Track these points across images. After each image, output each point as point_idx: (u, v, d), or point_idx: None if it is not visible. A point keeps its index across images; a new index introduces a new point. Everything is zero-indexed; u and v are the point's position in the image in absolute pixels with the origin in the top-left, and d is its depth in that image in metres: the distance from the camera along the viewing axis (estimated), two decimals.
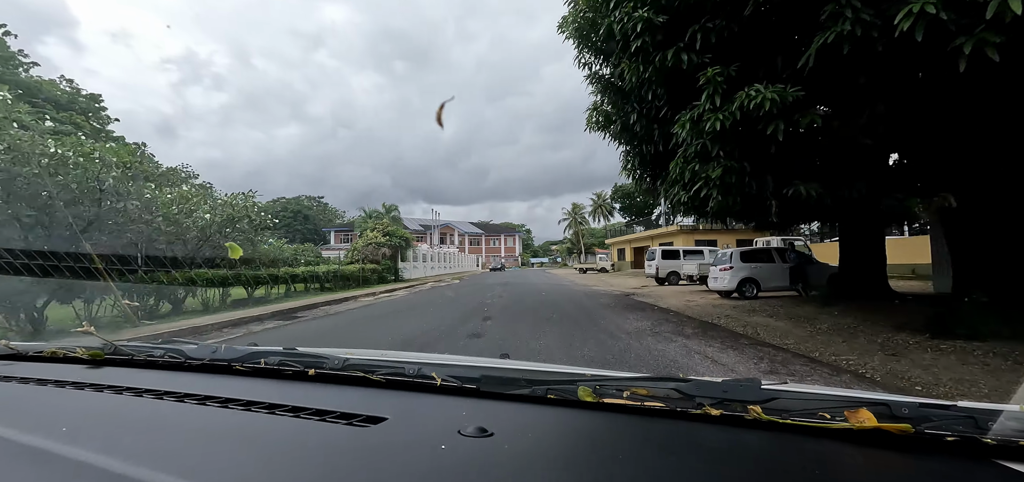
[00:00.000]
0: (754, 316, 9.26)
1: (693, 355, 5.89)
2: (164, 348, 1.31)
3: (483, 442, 0.72)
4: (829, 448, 0.68)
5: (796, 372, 5.08)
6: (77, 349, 1.34)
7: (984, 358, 5.17)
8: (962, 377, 4.57)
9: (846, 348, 5.99)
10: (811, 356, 5.71)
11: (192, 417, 0.90)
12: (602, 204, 76.95)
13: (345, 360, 1.10)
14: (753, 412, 0.74)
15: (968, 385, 4.33)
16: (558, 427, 0.82)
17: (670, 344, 6.61)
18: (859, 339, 6.49)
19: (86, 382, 1.10)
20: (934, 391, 4.25)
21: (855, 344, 6.19)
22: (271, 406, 0.89)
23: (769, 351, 6.10)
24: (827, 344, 6.29)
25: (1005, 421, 0.62)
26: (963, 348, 5.60)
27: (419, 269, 34.43)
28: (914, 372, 4.80)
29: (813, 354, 5.79)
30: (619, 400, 0.84)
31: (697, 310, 10.70)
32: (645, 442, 0.73)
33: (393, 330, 8.46)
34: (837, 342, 6.38)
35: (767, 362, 5.50)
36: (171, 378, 1.15)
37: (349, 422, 0.81)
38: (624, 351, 6.12)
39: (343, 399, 0.96)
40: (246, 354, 1.19)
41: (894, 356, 5.45)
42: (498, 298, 14.44)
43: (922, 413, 0.67)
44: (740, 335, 7.34)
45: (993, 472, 0.60)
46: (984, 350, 5.45)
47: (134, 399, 0.99)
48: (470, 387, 0.95)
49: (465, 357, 1.28)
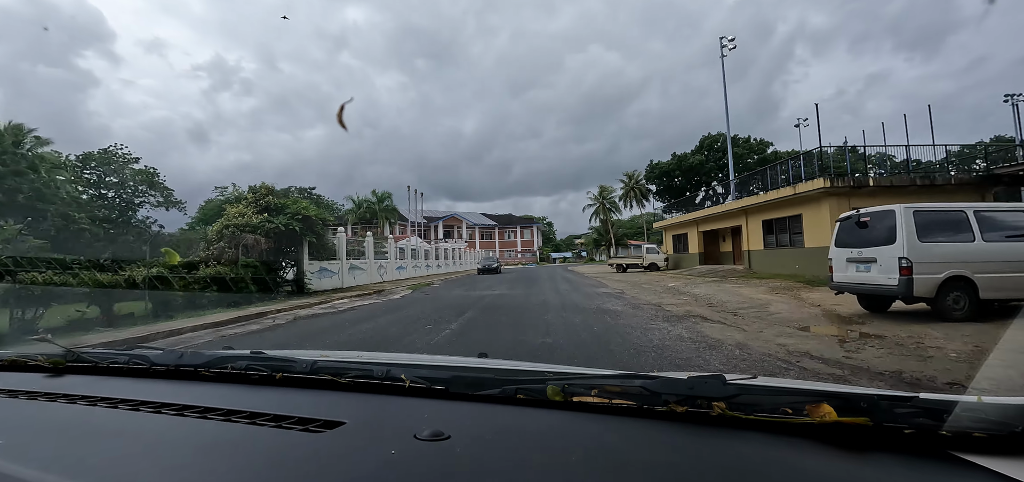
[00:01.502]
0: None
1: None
2: (128, 354, 1.27)
3: (436, 446, 0.71)
4: (791, 443, 0.69)
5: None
6: (38, 357, 1.30)
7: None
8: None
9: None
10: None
11: (145, 426, 0.88)
12: (635, 186, 64.13)
13: (313, 363, 1.08)
14: (718, 408, 0.75)
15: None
16: (522, 428, 0.81)
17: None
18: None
19: (41, 391, 1.09)
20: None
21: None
22: (228, 412, 0.88)
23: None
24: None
25: (960, 413, 0.62)
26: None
27: (373, 272, 23.03)
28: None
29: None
30: (587, 398, 0.84)
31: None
32: (611, 440, 0.74)
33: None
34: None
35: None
36: (133, 385, 1.14)
37: (305, 428, 0.80)
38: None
39: (306, 403, 0.95)
40: (213, 359, 1.16)
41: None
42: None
43: (881, 406, 0.67)
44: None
45: (948, 464, 0.60)
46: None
47: (88, 409, 0.97)
48: (439, 388, 0.95)
49: (440, 357, 1.30)
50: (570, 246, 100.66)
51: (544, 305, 10.29)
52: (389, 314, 10.03)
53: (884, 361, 4.63)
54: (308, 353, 1.18)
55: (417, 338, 6.84)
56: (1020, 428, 0.59)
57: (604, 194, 65.85)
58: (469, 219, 71.17)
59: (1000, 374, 4.16)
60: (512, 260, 68.36)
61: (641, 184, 64.52)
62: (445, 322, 8.30)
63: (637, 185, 64.71)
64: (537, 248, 73.26)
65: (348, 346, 6.64)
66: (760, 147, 57.56)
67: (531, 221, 74.74)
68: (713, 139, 61.90)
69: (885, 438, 0.65)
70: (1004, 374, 4.14)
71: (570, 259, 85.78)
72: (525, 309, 9.86)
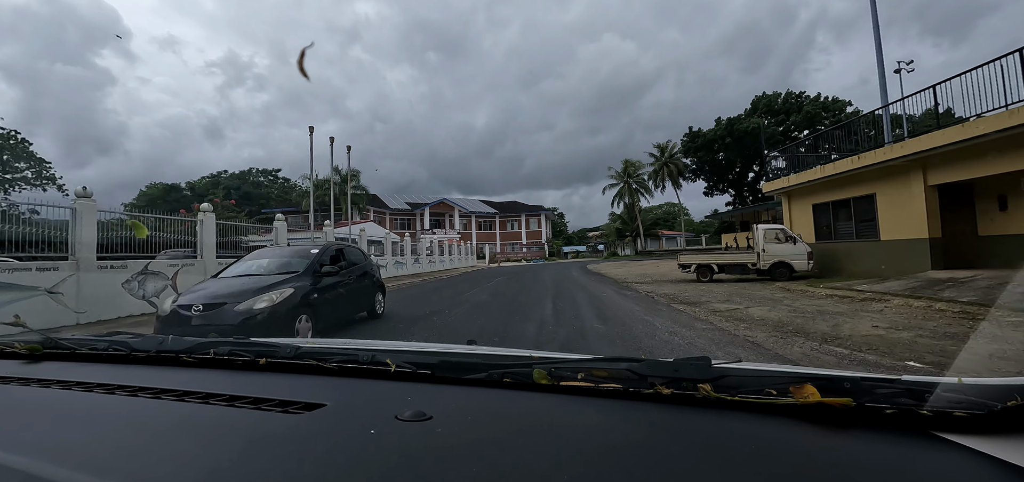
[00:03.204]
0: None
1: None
2: (108, 340, 1.25)
3: (419, 426, 0.71)
4: (775, 424, 0.68)
5: None
6: (14, 344, 1.28)
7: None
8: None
9: None
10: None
11: (120, 408, 0.87)
12: (668, 161, 50.96)
13: (297, 348, 1.09)
14: (703, 390, 0.74)
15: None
16: (507, 409, 0.81)
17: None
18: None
19: (14, 376, 1.07)
20: None
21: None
22: (206, 395, 0.87)
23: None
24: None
25: (941, 393, 0.63)
26: None
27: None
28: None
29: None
30: (573, 382, 0.83)
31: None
32: (596, 421, 0.74)
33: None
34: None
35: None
36: (111, 371, 1.12)
37: (284, 409, 0.79)
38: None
39: (288, 387, 0.94)
40: (195, 344, 1.15)
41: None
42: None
43: (864, 387, 0.67)
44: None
45: (929, 443, 0.60)
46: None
47: (61, 393, 0.96)
48: (424, 372, 0.94)
49: (428, 344, 1.29)
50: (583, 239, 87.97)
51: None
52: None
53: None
54: (292, 339, 1.22)
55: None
56: (999, 407, 0.59)
57: (630, 171, 52.49)
58: (463, 206, 58.68)
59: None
60: (516, 255, 55.77)
61: (676, 157, 51.24)
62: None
63: (672, 159, 51.42)
64: (546, 240, 60.58)
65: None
66: (835, 105, 44.18)
67: (539, 209, 62.10)
68: (770, 99, 48.40)
69: (868, 419, 0.65)
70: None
71: (584, 253, 72.97)
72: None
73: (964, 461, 0.56)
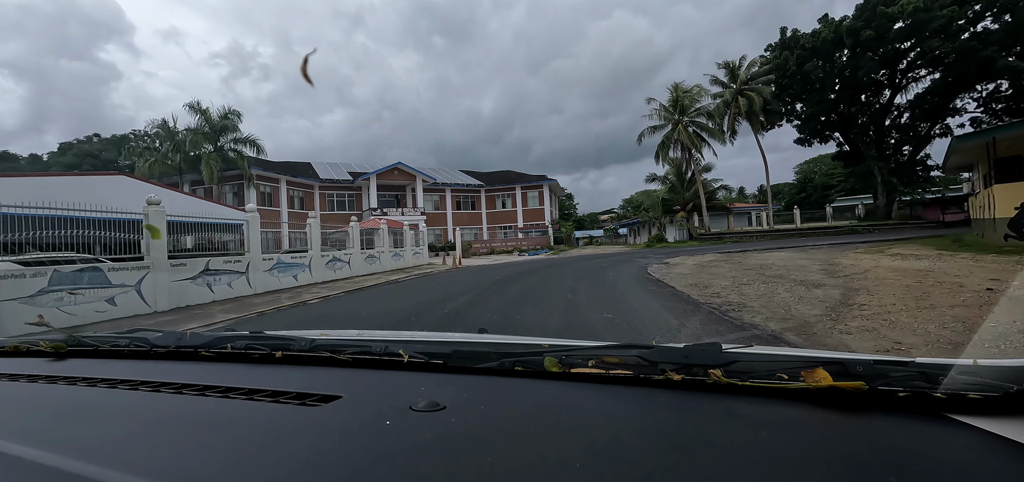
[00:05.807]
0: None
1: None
2: (129, 337, 1.28)
3: (433, 416, 0.72)
4: (787, 408, 0.68)
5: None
6: (40, 342, 1.31)
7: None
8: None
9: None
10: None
11: (143, 404, 0.89)
12: (744, 90, 32.28)
13: (312, 341, 1.09)
14: (714, 375, 0.75)
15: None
16: (519, 398, 0.82)
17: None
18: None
19: (41, 375, 1.10)
20: None
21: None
22: (226, 389, 0.89)
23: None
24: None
25: (955, 375, 0.62)
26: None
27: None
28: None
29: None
30: (584, 369, 0.84)
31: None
32: (607, 408, 0.74)
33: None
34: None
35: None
36: (133, 366, 1.14)
37: (302, 402, 0.80)
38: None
39: (304, 380, 0.95)
40: (212, 339, 1.18)
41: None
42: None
43: (876, 370, 0.67)
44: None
45: (943, 425, 0.60)
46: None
47: (87, 390, 0.98)
48: (437, 362, 0.95)
49: (440, 333, 1.28)
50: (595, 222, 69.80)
51: None
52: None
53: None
54: (306, 332, 1.20)
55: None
56: (1015, 389, 0.58)
57: (684, 102, 33.35)
58: (430, 176, 40.34)
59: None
60: (507, 243, 37.53)
61: (757, 86, 32.56)
62: None
63: (749, 87, 32.72)
64: (551, 222, 42.27)
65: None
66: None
67: (540, 179, 43.88)
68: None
69: (880, 402, 0.65)
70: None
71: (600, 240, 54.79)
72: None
73: (978, 443, 0.55)
